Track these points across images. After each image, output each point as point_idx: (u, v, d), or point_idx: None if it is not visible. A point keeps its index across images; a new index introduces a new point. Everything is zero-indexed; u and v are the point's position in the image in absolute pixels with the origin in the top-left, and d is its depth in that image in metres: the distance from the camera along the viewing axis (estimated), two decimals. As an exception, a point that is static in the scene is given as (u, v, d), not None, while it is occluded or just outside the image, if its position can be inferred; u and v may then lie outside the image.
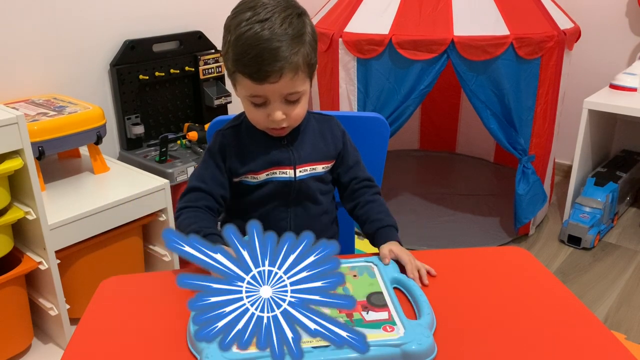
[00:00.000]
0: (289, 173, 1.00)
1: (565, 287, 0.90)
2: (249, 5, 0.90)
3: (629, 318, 1.84)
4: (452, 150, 3.24)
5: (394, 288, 0.86)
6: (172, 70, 2.18)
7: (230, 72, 0.94)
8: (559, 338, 0.76)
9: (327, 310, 0.78)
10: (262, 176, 1.00)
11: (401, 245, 0.97)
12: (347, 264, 0.92)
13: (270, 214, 1.03)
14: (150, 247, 1.88)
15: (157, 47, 2.15)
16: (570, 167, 2.41)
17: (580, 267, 2.15)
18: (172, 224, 1.80)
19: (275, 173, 1.00)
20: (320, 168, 1.04)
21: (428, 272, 0.91)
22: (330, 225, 1.11)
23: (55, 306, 1.55)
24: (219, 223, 1.10)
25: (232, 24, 0.91)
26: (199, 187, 0.98)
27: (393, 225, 1.01)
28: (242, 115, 1.04)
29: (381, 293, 0.84)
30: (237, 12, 0.91)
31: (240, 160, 0.99)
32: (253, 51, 0.87)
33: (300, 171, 1.01)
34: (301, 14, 0.92)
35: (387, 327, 0.75)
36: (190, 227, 0.92)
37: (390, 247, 0.94)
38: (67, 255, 1.57)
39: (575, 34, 2.19)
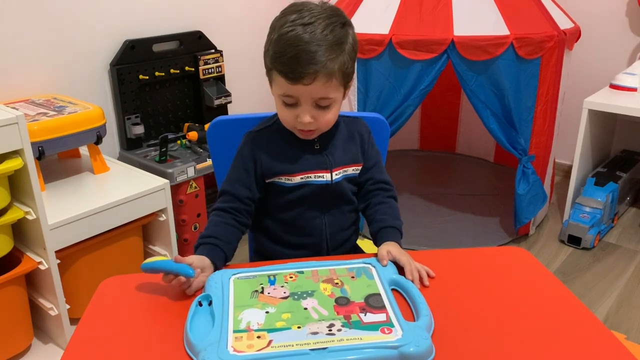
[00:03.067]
0: (325, 177, 1.02)
1: (565, 287, 0.90)
2: (297, 8, 0.93)
3: (629, 318, 1.84)
4: (452, 150, 3.24)
5: (392, 290, 0.86)
6: (172, 70, 2.18)
7: (267, 69, 0.97)
8: (559, 338, 0.76)
9: (325, 312, 0.79)
10: (297, 179, 1.02)
11: (401, 247, 0.97)
12: (345, 265, 0.92)
13: (304, 213, 1.05)
14: (150, 247, 1.87)
15: (157, 47, 2.15)
16: (570, 167, 2.41)
17: (580, 267, 2.15)
18: (172, 224, 1.80)
19: (311, 177, 1.02)
20: (351, 170, 1.06)
21: (427, 274, 0.91)
22: (355, 220, 1.13)
23: (55, 306, 1.55)
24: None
25: (277, 24, 0.94)
26: (227, 191, 1.02)
27: (396, 227, 1.02)
28: (275, 117, 1.05)
29: (379, 295, 0.84)
30: (284, 13, 0.94)
31: (273, 161, 1.02)
32: (291, 51, 0.89)
33: (335, 174, 1.03)
34: (345, 24, 0.94)
35: (385, 329, 0.75)
36: (204, 231, 0.98)
37: (389, 249, 0.94)
38: (67, 255, 1.57)
39: (575, 34, 2.19)
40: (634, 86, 2.29)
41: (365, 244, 1.19)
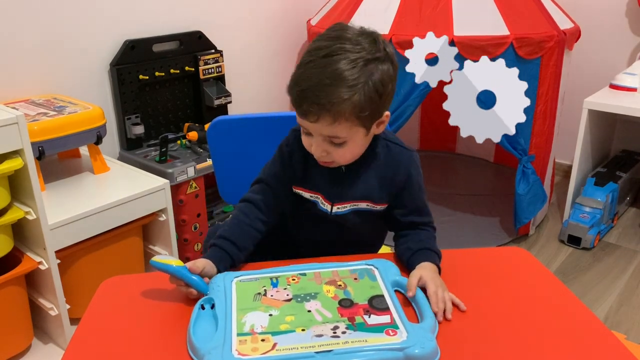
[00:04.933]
0: (326, 206, 1.00)
1: (565, 287, 0.90)
2: (333, 34, 0.87)
3: (629, 318, 1.84)
4: (452, 150, 3.24)
5: (395, 291, 0.85)
6: (172, 70, 2.18)
7: None
8: (559, 338, 0.76)
9: (329, 314, 0.78)
10: (307, 195, 1.01)
11: (440, 271, 0.90)
12: (347, 267, 0.92)
13: (305, 228, 1.05)
14: (150, 247, 1.87)
15: (157, 47, 2.14)
16: (570, 167, 2.41)
17: (580, 267, 2.15)
18: (172, 224, 1.80)
19: (319, 198, 1.00)
20: (364, 205, 0.99)
21: (458, 306, 0.83)
22: (366, 247, 1.07)
23: (55, 306, 1.55)
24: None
25: (309, 47, 0.88)
26: (264, 180, 1.01)
27: (434, 251, 0.94)
28: None
29: (383, 296, 0.83)
30: (322, 36, 0.88)
31: (297, 168, 1.00)
32: (301, 86, 0.85)
33: (338, 208, 0.99)
34: (374, 60, 0.85)
35: (390, 331, 0.74)
36: (222, 227, 0.96)
37: (422, 273, 0.86)
38: (67, 255, 1.57)
39: (575, 34, 2.19)
40: (634, 86, 2.29)
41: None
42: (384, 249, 1.05)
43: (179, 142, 2.16)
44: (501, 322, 0.81)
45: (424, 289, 0.84)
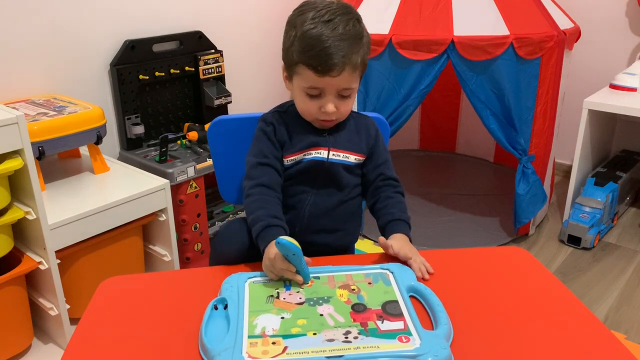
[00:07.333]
0: (322, 153, 1.05)
1: (565, 287, 0.90)
2: (312, 6, 1.00)
3: (629, 318, 1.84)
4: (452, 150, 3.24)
5: (410, 297, 0.84)
6: (172, 70, 2.18)
7: (291, 64, 1.01)
8: (559, 338, 0.76)
9: (341, 319, 0.78)
10: (300, 156, 1.06)
11: (410, 239, 1.00)
12: (361, 271, 0.91)
13: (292, 187, 1.07)
14: (150, 247, 1.88)
15: (157, 47, 2.14)
16: (570, 167, 2.41)
17: (580, 267, 2.15)
18: (172, 224, 1.80)
19: (311, 153, 1.05)
20: (352, 158, 1.09)
21: (427, 269, 0.93)
22: (350, 217, 1.13)
23: (55, 306, 1.55)
24: None
25: (297, 21, 1.00)
26: (263, 162, 1.05)
27: (404, 220, 1.05)
28: (286, 105, 1.10)
29: (397, 302, 0.82)
30: (301, 10, 1.01)
31: (284, 140, 1.06)
32: (319, 46, 0.95)
33: (333, 154, 1.06)
34: (359, 19, 1.02)
35: (403, 338, 0.73)
36: (258, 212, 0.99)
37: (392, 242, 0.96)
38: (67, 255, 1.57)
39: (575, 34, 2.19)
40: (633, 86, 2.29)
41: (366, 244, 1.19)
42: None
43: (179, 142, 2.16)
44: (499, 321, 0.81)
45: (424, 283, 0.87)
